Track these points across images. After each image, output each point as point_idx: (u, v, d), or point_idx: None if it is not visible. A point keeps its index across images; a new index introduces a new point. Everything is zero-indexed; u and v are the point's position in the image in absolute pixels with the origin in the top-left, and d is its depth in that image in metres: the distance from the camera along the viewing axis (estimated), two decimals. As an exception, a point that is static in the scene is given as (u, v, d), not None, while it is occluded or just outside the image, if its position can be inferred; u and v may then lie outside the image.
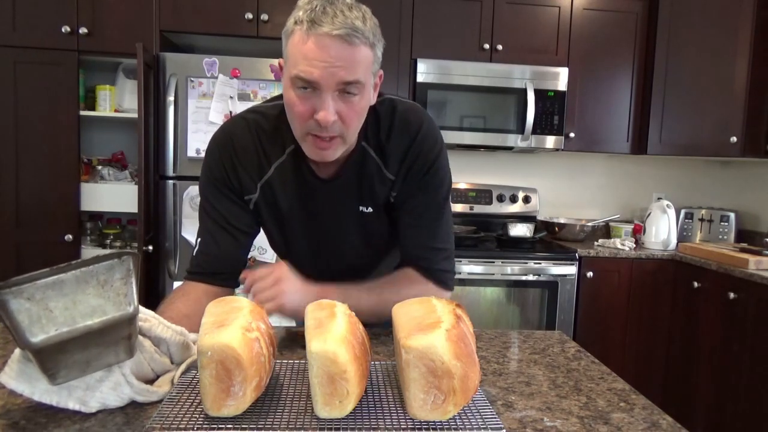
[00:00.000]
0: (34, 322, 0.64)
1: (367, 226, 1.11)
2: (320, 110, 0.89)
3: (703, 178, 3.38)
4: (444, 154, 1.09)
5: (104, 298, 0.68)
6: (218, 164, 1.07)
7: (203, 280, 1.08)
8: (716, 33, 2.90)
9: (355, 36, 0.86)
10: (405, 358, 0.71)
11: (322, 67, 0.86)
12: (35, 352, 0.65)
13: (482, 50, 2.84)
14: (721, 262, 2.48)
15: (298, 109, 0.91)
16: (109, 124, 2.89)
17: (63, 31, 2.46)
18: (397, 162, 1.05)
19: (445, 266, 1.11)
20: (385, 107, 1.05)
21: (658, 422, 0.78)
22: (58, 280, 0.66)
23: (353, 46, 0.86)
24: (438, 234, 1.10)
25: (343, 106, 0.90)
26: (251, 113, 1.09)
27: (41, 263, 0.70)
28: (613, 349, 2.76)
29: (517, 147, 2.84)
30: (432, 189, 1.08)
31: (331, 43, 0.85)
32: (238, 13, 2.51)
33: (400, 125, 1.04)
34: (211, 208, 1.09)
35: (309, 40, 0.85)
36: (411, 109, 1.06)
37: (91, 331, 0.67)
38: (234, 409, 0.71)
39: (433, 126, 1.07)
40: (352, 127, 0.94)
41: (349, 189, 1.07)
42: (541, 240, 2.91)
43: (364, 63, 0.89)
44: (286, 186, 1.08)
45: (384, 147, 1.05)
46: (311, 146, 0.95)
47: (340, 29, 0.84)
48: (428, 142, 1.05)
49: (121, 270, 0.69)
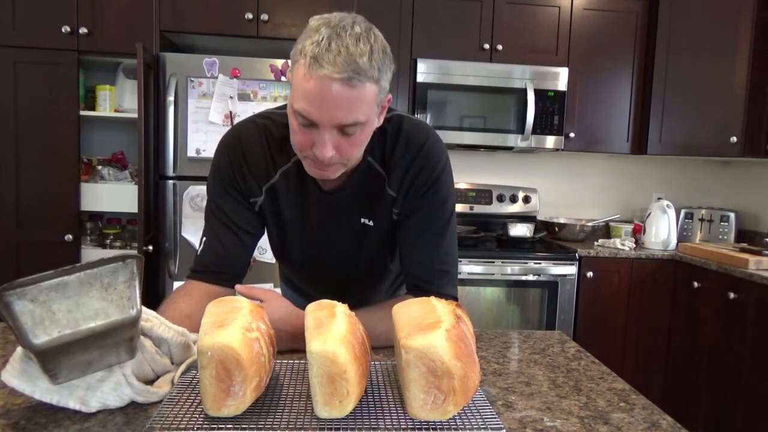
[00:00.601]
0: (37, 324, 0.64)
1: (368, 241, 1.12)
2: (319, 146, 0.88)
3: (703, 178, 3.38)
4: (449, 173, 1.07)
5: (107, 300, 0.68)
6: (227, 165, 1.08)
7: (207, 279, 1.08)
8: (716, 33, 2.90)
9: (357, 79, 0.83)
10: (405, 358, 0.71)
11: (320, 107, 0.84)
12: (38, 353, 0.65)
13: (482, 50, 2.84)
14: (721, 262, 2.48)
15: (298, 138, 0.91)
16: (109, 124, 2.89)
17: (63, 31, 2.46)
18: (400, 178, 1.05)
19: (449, 291, 1.07)
20: (392, 124, 1.04)
21: (658, 422, 0.78)
22: (62, 283, 0.66)
23: (354, 88, 0.84)
24: (440, 255, 1.07)
25: (342, 141, 0.89)
26: (261, 118, 1.09)
27: (41, 263, 0.71)
28: (613, 349, 2.76)
29: (517, 147, 2.84)
30: (434, 206, 1.06)
31: (330, 85, 0.82)
32: (238, 13, 2.51)
33: (404, 142, 1.04)
34: (218, 209, 1.09)
35: (311, 80, 0.83)
36: (417, 126, 1.06)
37: (94, 334, 0.67)
38: (234, 409, 0.71)
39: (438, 144, 1.06)
40: (353, 157, 0.94)
41: (351, 202, 1.07)
42: (541, 240, 2.91)
43: (367, 101, 0.87)
44: (290, 193, 1.08)
45: (388, 163, 1.05)
46: (311, 168, 0.96)
47: (342, 72, 0.82)
48: (432, 159, 1.04)
49: (125, 273, 0.70)
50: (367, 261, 1.16)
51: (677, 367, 2.74)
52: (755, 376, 2.27)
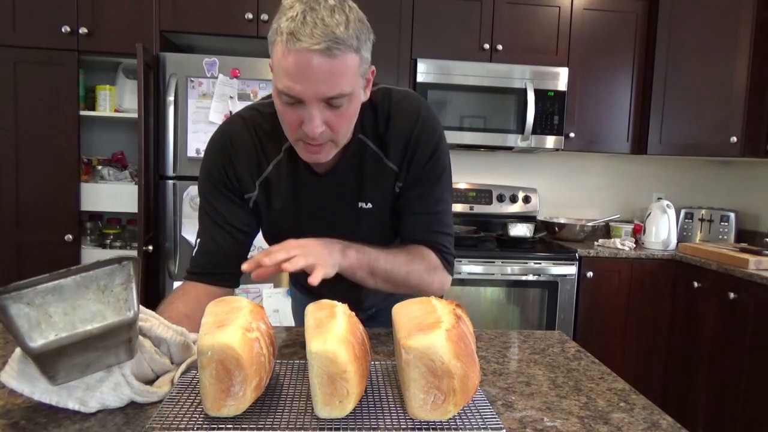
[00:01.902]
0: (33, 327, 0.64)
1: (366, 224, 1.11)
2: (307, 123, 0.88)
3: (703, 178, 3.38)
4: (444, 139, 1.09)
5: (104, 303, 0.68)
6: (217, 164, 1.07)
7: (203, 280, 1.08)
8: (716, 33, 2.90)
9: (336, 48, 0.83)
10: (405, 358, 0.71)
11: (303, 82, 0.84)
12: (35, 357, 0.65)
13: (482, 50, 2.84)
14: (721, 262, 2.48)
15: (287, 119, 0.91)
16: (109, 124, 2.89)
17: (63, 31, 2.46)
18: (399, 151, 1.05)
19: (452, 250, 1.12)
20: (380, 97, 1.04)
21: (658, 422, 0.78)
22: (58, 286, 0.66)
23: (335, 59, 0.83)
24: (443, 219, 1.10)
25: (330, 115, 0.89)
26: (249, 111, 1.09)
27: (41, 263, 0.71)
28: (613, 349, 2.76)
29: (517, 147, 2.84)
30: (436, 175, 1.08)
31: (311, 58, 0.82)
32: (238, 13, 2.51)
33: (398, 113, 1.04)
34: (211, 209, 1.09)
35: (290, 55, 0.83)
36: (407, 97, 1.06)
37: (91, 336, 0.67)
38: (234, 409, 0.71)
39: (431, 112, 1.07)
40: (342, 131, 0.94)
41: (347, 184, 1.07)
42: (541, 240, 2.91)
43: (349, 72, 0.87)
44: (284, 182, 1.07)
45: (383, 137, 1.05)
46: (303, 151, 0.96)
47: (320, 43, 0.81)
48: (429, 129, 1.05)
49: (121, 275, 0.69)
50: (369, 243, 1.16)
51: (677, 366, 2.74)
52: (755, 376, 2.27)
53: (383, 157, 1.05)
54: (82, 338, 0.66)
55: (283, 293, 2.40)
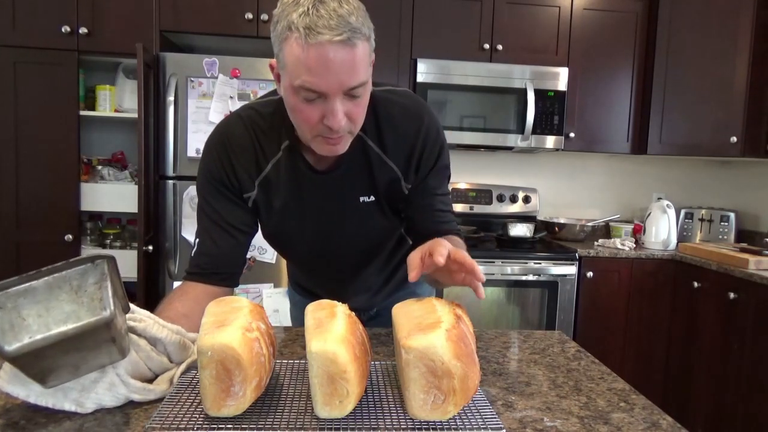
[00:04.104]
0: (6, 331, 0.64)
1: (368, 217, 1.11)
2: (330, 116, 0.88)
3: (703, 178, 3.38)
4: (443, 134, 1.11)
5: (78, 303, 0.67)
6: (215, 164, 1.07)
7: (202, 280, 1.07)
8: (716, 33, 2.90)
9: (355, 37, 0.83)
10: (405, 358, 0.71)
11: (326, 75, 0.84)
12: (10, 360, 0.65)
13: (482, 50, 2.84)
14: (721, 262, 2.48)
15: (305, 116, 0.90)
16: (109, 124, 2.89)
17: (63, 31, 2.46)
18: (402, 154, 1.05)
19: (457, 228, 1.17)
20: (378, 94, 1.04)
21: (658, 422, 0.78)
22: (30, 288, 0.65)
23: (355, 48, 0.84)
24: (449, 202, 1.16)
25: (350, 105, 0.89)
26: (246, 110, 1.09)
27: (41, 263, 0.70)
28: (613, 349, 2.76)
29: (517, 147, 2.84)
30: (441, 170, 1.11)
31: (333, 51, 0.82)
32: (238, 13, 2.51)
33: (398, 115, 1.04)
34: (209, 208, 1.08)
35: (310, 50, 0.82)
36: (407, 96, 1.07)
37: (66, 338, 0.66)
38: (234, 409, 0.71)
39: (433, 116, 1.08)
40: (360, 120, 0.94)
41: (348, 179, 1.06)
42: (541, 240, 2.91)
43: (365, 60, 0.87)
44: (284, 181, 1.07)
45: (382, 135, 1.05)
46: (322, 145, 0.94)
47: (341, 34, 0.81)
48: (432, 132, 1.07)
49: (94, 274, 0.69)
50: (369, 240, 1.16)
51: (677, 367, 2.74)
52: (755, 376, 2.27)
53: (381, 153, 1.06)
54: (57, 340, 0.66)
55: (283, 293, 2.40)
